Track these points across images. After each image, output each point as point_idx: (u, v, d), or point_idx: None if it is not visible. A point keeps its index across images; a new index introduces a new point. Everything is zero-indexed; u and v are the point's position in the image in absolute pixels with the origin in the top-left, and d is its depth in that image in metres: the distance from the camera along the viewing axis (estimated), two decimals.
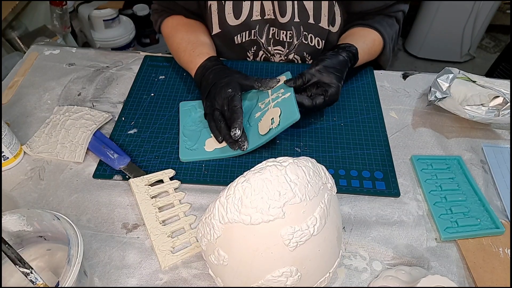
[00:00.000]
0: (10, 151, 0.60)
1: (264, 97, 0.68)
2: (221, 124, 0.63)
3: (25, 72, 0.78)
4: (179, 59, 0.77)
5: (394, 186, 0.61)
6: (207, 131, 0.67)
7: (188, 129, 0.68)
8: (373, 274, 0.51)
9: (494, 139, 0.69)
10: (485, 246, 0.54)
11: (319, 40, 0.78)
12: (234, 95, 0.63)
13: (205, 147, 0.65)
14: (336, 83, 0.65)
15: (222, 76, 0.66)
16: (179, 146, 0.65)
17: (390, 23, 0.78)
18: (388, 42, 0.77)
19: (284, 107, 0.63)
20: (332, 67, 0.66)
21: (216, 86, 0.66)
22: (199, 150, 0.64)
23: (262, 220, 0.38)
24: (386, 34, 0.76)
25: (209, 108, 0.66)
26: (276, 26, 0.78)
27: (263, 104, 0.67)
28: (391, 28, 0.78)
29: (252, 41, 0.81)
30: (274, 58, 0.84)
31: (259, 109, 0.67)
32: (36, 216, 0.45)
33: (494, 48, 2.29)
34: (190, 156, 0.63)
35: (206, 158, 0.63)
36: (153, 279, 0.50)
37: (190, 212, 0.57)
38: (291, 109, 0.61)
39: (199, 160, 0.63)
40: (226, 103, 0.64)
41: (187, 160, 0.63)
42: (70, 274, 0.39)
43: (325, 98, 0.64)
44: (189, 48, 0.74)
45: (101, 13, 1.75)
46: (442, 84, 0.70)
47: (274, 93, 0.67)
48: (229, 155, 0.64)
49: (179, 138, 0.66)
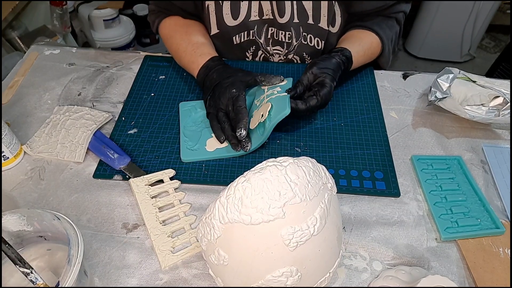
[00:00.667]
0: (10, 151, 0.60)
1: (260, 94, 0.68)
2: (225, 125, 0.63)
3: (25, 72, 0.78)
4: (180, 60, 0.77)
5: (394, 186, 0.61)
6: (208, 131, 0.67)
7: (188, 129, 0.68)
8: (373, 274, 0.51)
9: (494, 139, 0.69)
10: (485, 246, 0.54)
11: (318, 40, 0.78)
12: (238, 95, 0.64)
13: (206, 147, 0.65)
14: (329, 83, 0.65)
15: (226, 76, 0.67)
16: (180, 147, 0.65)
17: (390, 25, 0.78)
18: (387, 44, 0.77)
19: (276, 102, 0.63)
20: (325, 67, 0.66)
21: (220, 86, 0.66)
22: (200, 150, 0.64)
23: (262, 220, 0.38)
24: (385, 36, 0.76)
25: (212, 108, 0.66)
26: (275, 26, 0.78)
27: (258, 101, 0.67)
28: (390, 30, 0.78)
29: (251, 41, 0.81)
30: (273, 58, 0.84)
31: (255, 107, 0.67)
32: (36, 216, 0.45)
33: (494, 48, 2.29)
34: (191, 157, 0.63)
35: (207, 158, 0.64)
36: (153, 279, 0.50)
37: (190, 212, 0.57)
38: (282, 104, 0.61)
39: (200, 160, 0.63)
40: (231, 103, 0.64)
41: (188, 161, 0.63)
42: (70, 274, 0.39)
43: (317, 98, 0.64)
44: (190, 48, 0.74)
45: (101, 13, 1.75)
46: (442, 84, 0.70)
47: (269, 90, 0.67)
48: (230, 155, 0.64)
49: (180, 139, 0.66)
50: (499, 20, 2.20)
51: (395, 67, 2.07)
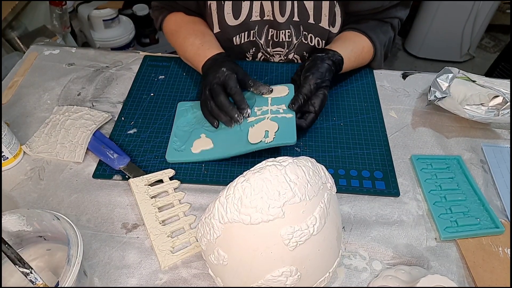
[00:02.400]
0: (9, 151, 0.60)
1: (262, 104, 0.66)
2: (220, 98, 0.63)
3: (25, 72, 0.78)
4: (185, 53, 0.76)
5: (393, 186, 0.61)
6: (197, 131, 0.66)
7: (181, 129, 0.67)
8: (373, 274, 0.51)
9: (494, 139, 0.69)
10: (485, 245, 0.54)
11: (319, 40, 0.78)
12: (230, 75, 0.64)
13: (192, 148, 0.63)
14: (326, 95, 0.66)
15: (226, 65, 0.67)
16: (168, 146, 0.64)
17: (384, 30, 0.77)
18: (379, 49, 0.76)
19: (283, 126, 0.61)
20: (324, 78, 0.66)
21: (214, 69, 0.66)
22: (185, 152, 0.63)
23: (261, 220, 0.38)
24: (378, 41, 0.76)
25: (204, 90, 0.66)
26: (275, 27, 0.78)
27: (260, 111, 0.65)
28: (384, 35, 0.77)
29: (251, 43, 0.81)
30: (274, 58, 0.84)
31: (255, 115, 0.65)
32: (36, 216, 0.45)
33: (493, 48, 2.29)
34: (176, 157, 0.62)
35: (191, 160, 0.62)
36: (153, 279, 0.50)
37: (190, 212, 0.57)
38: (289, 131, 0.60)
39: (184, 162, 0.62)
40: (224, 79, 0.64)
41: (173, 161, 0.62)
42: (70, 274, 0.39)
43: (315, 112, 0.65)
44: (197, 42, 0.74)
45: (101, 13, 1.75)
46: (442, 84, 0.70)
47: (275, 105, 0.65)
48: (215, 158, 0.62)
49: (170, 138, 0.66)
50: (498, 20, 2.20)
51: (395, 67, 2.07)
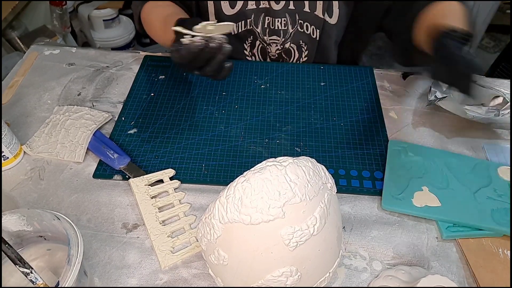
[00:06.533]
0: (10, 151, 0.60)
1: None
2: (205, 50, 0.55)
3: (25, 72, 0.78)
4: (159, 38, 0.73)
5: None
6: (417, 182, 0.60)
7: (395, 173, 0.61)
8: (373, 274, 0.51)
9: (494, 139, 0.69)
10: (485, 246, 0.54)
11: (314, 29, 0.78)
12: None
13: (413, 199, 0.57)
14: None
15: None
16: (383, 191, 0.59)
17: None
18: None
19: None
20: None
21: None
22: (405, 201, 0.57)
23: (262, 220, 0.38)
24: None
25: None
26: (270, 14, 0.78)
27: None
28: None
29: (248, 31, 0.81)
30: (271, 47, 0.83)
31: None
32: (36, 216, 0.45)
33: (494, 48, 2.29)
34: (395, 206, 0.57)
35: (413, 213, 0.57)
36: (153, 279, 0.50)
37: (190, 212, 0.57)
38: None
39: (404, 213, 0.57)
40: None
41: (390, 210, 0.57)
42: (70, 274, 0.39)
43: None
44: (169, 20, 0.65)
45: (101, 13, 1.75)
46: (442, 84, 0.70)
47: None
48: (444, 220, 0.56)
49: (384, 180, 0.60)
50: (499, 20, 2.19)
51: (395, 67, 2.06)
